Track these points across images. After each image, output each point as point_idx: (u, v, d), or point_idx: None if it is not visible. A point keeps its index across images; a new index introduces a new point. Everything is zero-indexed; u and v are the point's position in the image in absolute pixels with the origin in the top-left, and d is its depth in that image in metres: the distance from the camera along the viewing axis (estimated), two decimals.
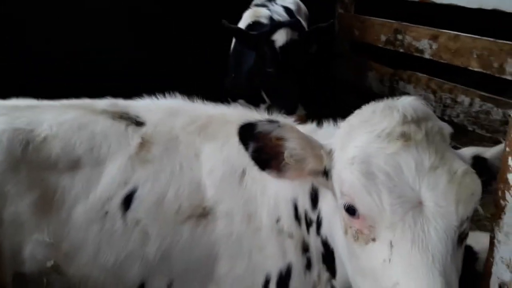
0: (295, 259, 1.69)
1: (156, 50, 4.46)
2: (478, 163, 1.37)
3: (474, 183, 1.21)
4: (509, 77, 3.65)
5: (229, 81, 3.68)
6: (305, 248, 1.69)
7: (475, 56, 3.82)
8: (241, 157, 1.69)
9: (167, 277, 1.74)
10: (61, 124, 1.80)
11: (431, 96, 4.32)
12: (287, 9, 4.06)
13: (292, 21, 3.37)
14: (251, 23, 3.61)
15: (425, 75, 4.41)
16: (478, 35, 3.81)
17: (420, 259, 1.13)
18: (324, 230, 1.64)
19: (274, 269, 1.70)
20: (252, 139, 1.44)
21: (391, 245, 1.18)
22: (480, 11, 3.73)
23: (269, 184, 1.72)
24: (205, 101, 1.98)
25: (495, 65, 3.69)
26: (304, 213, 1.68)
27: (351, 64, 5.23)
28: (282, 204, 1.70)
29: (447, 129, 1.33)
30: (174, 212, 1.72)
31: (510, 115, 1.52)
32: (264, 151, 1.45)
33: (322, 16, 4.57)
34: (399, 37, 4.53)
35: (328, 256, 1.66)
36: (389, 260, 1.17)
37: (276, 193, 1.71)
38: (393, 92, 4.72)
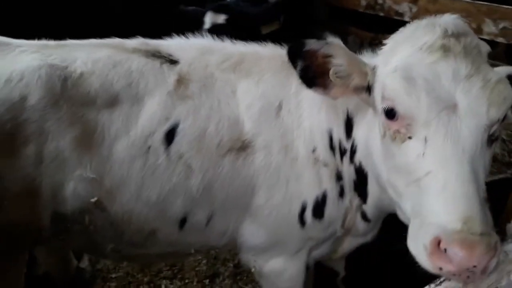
0: (330, 187, 1.79)
1: None
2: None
3: (506, 89, 1.34)
4: (486, 37, 3.86)
5: None
6: (339, 176, 1.79)
7: None
8: (277, 91, 1.76)
9: (208, 209, 1.79)
10: (95, 62, 1.77)
11: None
12: None
13: (220, 4, 3.25)
14: None
15: None
16: None
17: (451, 151, 1.27)
18: (358, 156, 1.74)
19: (310, 197, 1.79)
20: (300, 57, 1.54)
21: (426, 140, 1.32)
22: None
23: (305, 116, 1.79)
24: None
25: (473, 25, 3.88)
26: (339, 142, 1.77)
27: (331, 30, 5.29)
28: (317, 135, 1.78)
29: (485, 47, 1.44)
30: (215, 146, 1.76)
31: None
32: (311, 70, 1.55)
33: None
34: (379, 1, 4.64)
35: (360, 183, 1.77)
36: (423, 154, 1.32)
37: (311, 124, 1.79)
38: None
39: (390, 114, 1.40)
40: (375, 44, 4.78)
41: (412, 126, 1.36)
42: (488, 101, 1.30)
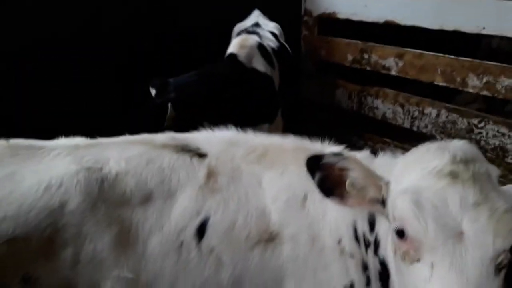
0: (357, 277, 1.80)
1: None
2: None
3: None
4: (470, 90, 4.08)
5: None
6: (365, 267, 1.81)
7: (439, 72, 4.22)
8: (302, 183, 1.81)
9: None
10: (128, 160, 1.81)
11: (399, 109, 4.67)
12: (273, 34, 4.22)
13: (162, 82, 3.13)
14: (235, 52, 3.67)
15: (392, 90, 4.76)
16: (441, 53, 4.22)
17: (455, 280, 1.30)
18: (382, 250, 1.78)
19: (338, 287, 1.79)
20: (318, 169, 1.61)
21: (432, 266, 1.35)
22: (441, 32, 4.16)
23: (329, 208, 1.83)
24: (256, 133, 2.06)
25: (458, 79, 4.11)
26: (363, 235, 1.81)
27: (319, 83, 5.49)
28: (342, 227, 1.81)
29: (495, 171, 1.52)
30: (244, 238, 1.77)
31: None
32: (329, 180, 1.61)
33: (288, 39, 4.81)
34: (366, 56, 4.86)
35: (384, 275, 1.79)
36: (429, 279, 1.34)
37: (336, 216, 1.83)
38: (361, 107, 5.04)
39: (400, 234, 1.44)
40: (363, 95, 5.00)
41: (420, 250, 1.38)
42: (494, 232, 1.32)
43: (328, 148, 1.95)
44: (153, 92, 3.07)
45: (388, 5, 4.53)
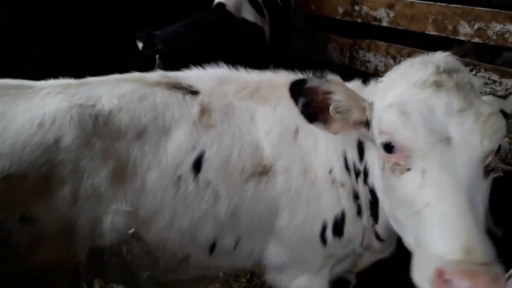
0: (348, 206, 1.85)
1: None
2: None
3: (498, 122, 1.40)
4: (462, 37, 4.03)
5: None
6: (356, 196, 1.85)
7: (430, 20, 4.15)
8: (293, 116, 1.81)
9: (235, 233, 1.84)
10: (121, 97, 1.81)
11: (391, 62, 4.61)
12: None
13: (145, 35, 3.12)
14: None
15: (383, 42, 4.69)
16: (432, 1, 4.14)
17: (448, 182, 1.32)
18: (371, 179, 1.79)
19: (330, 216, 1.85)
20: (302, 94, 1.60)
21: (423, 172, 1.37)
22: None
23: (320, 140, 1.85)
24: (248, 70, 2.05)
25: (450, 27, 4.05)
26: (353, 164, 1.83)
27: (310, 38, 5.40)
28: (333, 157, 1.84)
29: (477, 82, 1.52)
30: (239, 171, 1.80)
31: None
32: (312, 105, 1.61)
33: None
34: (356, 8, 4.76)
35: (374, 203, 1.82)
36: (422, 185, 1.36)
37: (327, 147, 1.84)
38: (353, 61, 4.98)
39: (388, 147, 1.45)
40: (354, 49, 4.93)
41: (410, 158, 1.40)
42: (481, 134, 1.35)
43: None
44: (140, 45, 3.01)
45: None
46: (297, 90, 1.60)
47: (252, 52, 3.57)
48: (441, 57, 1.51)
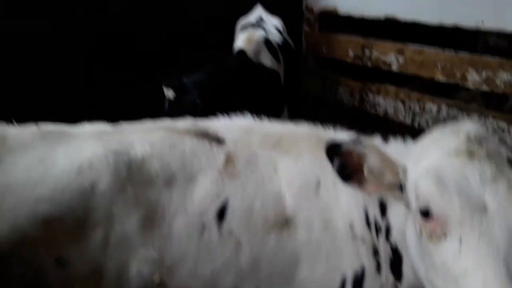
0: (368, 261, 1.87)
1: None
2: None
3: None
4: (470, 85, 4.14)
5: None
6: (375, 252, 1.87)
7: (439, 67, 4.28)
8: (315, 169, 1.88)
9: (255, 283, 1.85)
10: (152, 144, 1.88)
11: (400, 106, 4.72)
12: (277, 29, 4.28)
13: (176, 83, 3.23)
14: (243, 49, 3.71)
15: (393, 86, 4.82)
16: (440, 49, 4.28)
17: (486, 250, 1.35)
18: (394, 237, 1.84)
19: (349, 270, 1.86)
20: (337, 155, 1.67)
21: (461, 240, 1.40)
22: (441, 28, 4.22)
23: (342, 193, 1.89)
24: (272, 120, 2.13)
25: (458, 75, 4.17)
26: (374, 220, 1.87)
27: (321, 80, 5.54)
28: (354, 211, 1.88)
29: (504, 150, 1.59)
30: (262, 222, 1.84)
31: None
32: (347, 166, 1.67)
33: (289, 35, 4.87)
34: (367, 52, 4.91)
35: (396, 261, 1.85)
36: (459, 252, 1.39)
37: (348, 201, 1.88)
38: (363, 103, 5.10)
39: (425, 213, 1.50)
40: (364, 92, 5.06)
41: (447, 225, 1.44)
42: None
43: (340, 135, 2.00)
44: (168, 92, 3.13)
45: (388, 0, 4.60)
46: (333, 151, 1.67)
47: (269, 96, 3.68)
48: (470, 126, 1.59)
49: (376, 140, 1.97)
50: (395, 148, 1.86)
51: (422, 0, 4.34)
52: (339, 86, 5.30)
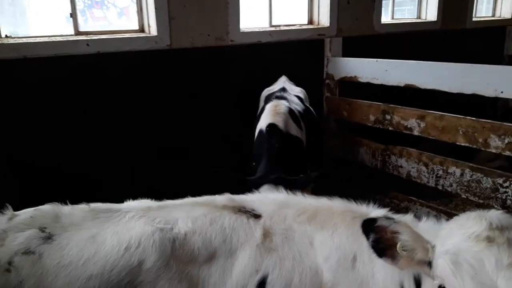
0: None
1: None
2: None
3: None
4: (493, 150, 4.20)
5: (251, 167, 3.92)
6: None
7: (461, 133, 4.38)
8: (351, 243, 1.96)
9: None
10: (194, 220, 2.01)
11: (423, 168, 4.78)
12: (299, 98, 4.49)
13: (276, 178, 3.51)
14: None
15: (415, 150, 4.90)
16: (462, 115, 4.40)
17: None
18: None
19: None
20: (372, 231, 1.77)
21: None
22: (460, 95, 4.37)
23: (378, 268, 1.96)
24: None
25: (480, 140, 4.25)
26: None
27: (342, 142, 5.68)
28: (390, 286, 1.92)
29: None
30: None
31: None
32: (381, 242, 1.78)
33: (312, 100, 5.09)
34: (387, 117, 5.06)
35: None
36: None
37: (385, 276, 1.95)
38: (385, 165, 5.18)
39: None
40: (386, 154, 5.15)
41: None
42: None
43: (373, 211, 2.10)
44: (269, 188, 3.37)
45: (408, 70, 4.80)
46: (368, 227, 1.78)
47: (296, 162, 3.82)
48: (495, 214, 1.68)
49: (408, 218, 2.05)
50: (425, 227, 1.93)
51: (442, 70, 4.51)
52: (360, 148, 5.41)
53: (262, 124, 3.95)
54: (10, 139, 3.84)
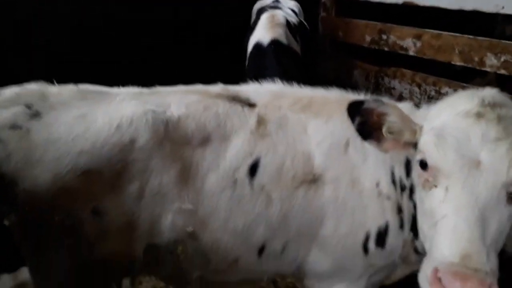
0: (392, 218, 1.96)
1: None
2: None
3: None
4: (488, 69, 4.15)
5: None
6: (399, 210, 1.96)
7: (457, 52, 4.29)
8: (344, 130, 1.95)
9: (283, 238, 1.95)
10: (188, 106, 1.98)
11: (416, 89, 4.75)
12: (293, 11, 4.32)
13: None
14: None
15: (409, 70, 4.84)
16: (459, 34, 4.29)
17: (466, 200, 1.46)
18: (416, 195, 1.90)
19: (373, 226, 1.96)
20: (358, 114, 1.76)
21: (447, 189, 1.52)
22: (460, 12, 4.23)
23: (370, 154, 1.99)
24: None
25: (476, 59, 4.18)
26: (399, 179, 1.95)
27: (336, 64, 5.58)
28: (381, 171, 1.96)
29: None
30: (291, 178, 1.93)
31: None
32: (368, 125, 1.77)
33: (306, 19, 4.91)
34: (384, 37, 4.94)
35: (416, 219, 1.92)
36: (443, 200, 1.52)
37: (376, 161, 1.97)
38: (378, 87, 5.13)
39: (422, 164, 1.62)
40: (380, 76, 5.09)
41: (437, 177, 1.56)
42: (510, 163, 1.46)
43: (367, 97, 2.09)
44: None
45: None
46: (354, 109, 1.76)
47: (295, 77, 3.74)
48: (489, 92, 1.65)
49: (407, 105, 2.04)
50: (422, 112, 1.92)
51: None
52: (354, 70, 5.33)
53: (259, 36, 3.77)
54: None
